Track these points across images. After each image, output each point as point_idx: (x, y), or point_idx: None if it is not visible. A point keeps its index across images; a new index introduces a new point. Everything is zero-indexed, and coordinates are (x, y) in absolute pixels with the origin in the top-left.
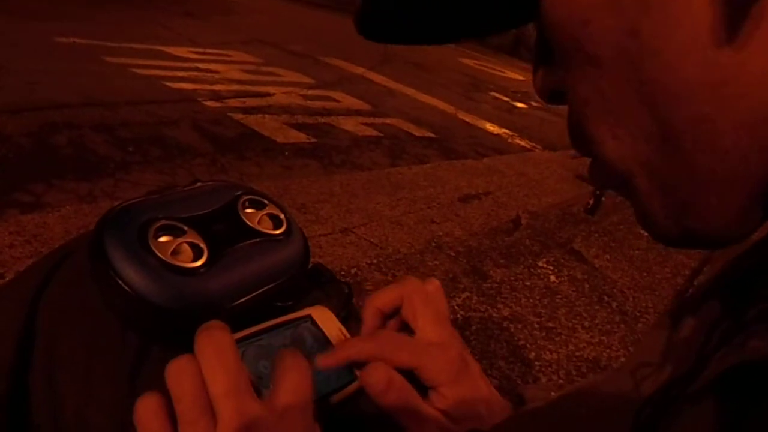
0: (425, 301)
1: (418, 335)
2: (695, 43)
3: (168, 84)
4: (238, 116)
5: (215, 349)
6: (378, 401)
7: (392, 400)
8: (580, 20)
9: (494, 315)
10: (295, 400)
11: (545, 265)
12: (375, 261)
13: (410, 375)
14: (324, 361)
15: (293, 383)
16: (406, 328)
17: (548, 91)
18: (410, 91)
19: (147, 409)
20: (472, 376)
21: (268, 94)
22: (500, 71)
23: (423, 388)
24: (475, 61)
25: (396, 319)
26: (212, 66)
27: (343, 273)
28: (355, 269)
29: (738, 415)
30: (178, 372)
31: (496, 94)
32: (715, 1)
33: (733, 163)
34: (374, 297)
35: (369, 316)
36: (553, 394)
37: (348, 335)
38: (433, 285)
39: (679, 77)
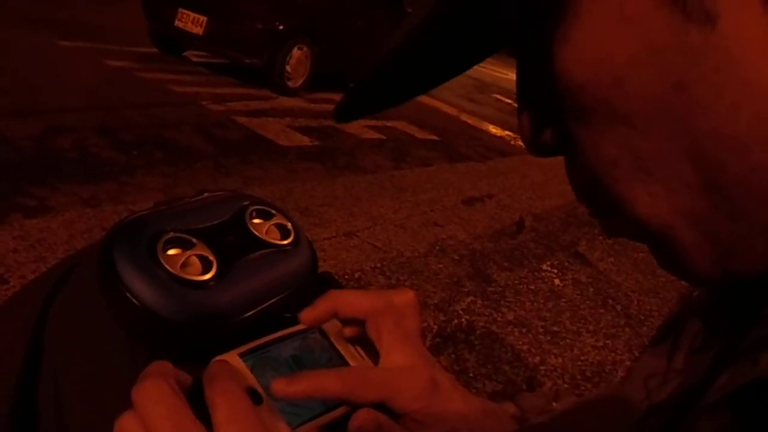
0: (393, 322)
1: (383, 358)
2: (755, 91)
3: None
4: (242, 119)
5: (154, 404)
6: None
7: None
8: (612, 79)
9: (498, 319)
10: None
11: (549, 269)
12: (379, 265)
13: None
14: (281, 391)
15: (225, 413)
16: (362, 336)
17: (544, 145)
18: None
19: None
20: (445, 397)
21: (271, 97)
22: (503, 73)
23: (393, 414)
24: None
25: (354, 330)
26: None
27: (347, 277)
28: (359, 273)
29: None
30: None
31: (499, 96)
32: None
33: None
34: (339, 297)
35: (320, 310)
36: (554, 404)
37: (355, 347)
38: (407, 297)
39: (734, 128)
